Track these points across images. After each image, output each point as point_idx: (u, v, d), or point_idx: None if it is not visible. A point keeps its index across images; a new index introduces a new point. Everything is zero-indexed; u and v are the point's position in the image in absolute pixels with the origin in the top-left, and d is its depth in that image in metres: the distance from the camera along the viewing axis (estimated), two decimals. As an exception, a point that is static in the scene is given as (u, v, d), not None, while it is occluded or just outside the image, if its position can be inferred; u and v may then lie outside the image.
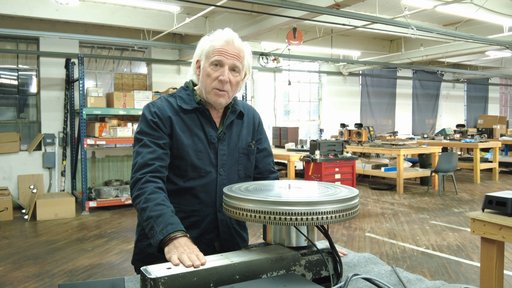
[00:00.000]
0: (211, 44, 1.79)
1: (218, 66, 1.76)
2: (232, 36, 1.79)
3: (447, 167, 8.85)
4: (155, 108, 1.80)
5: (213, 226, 1.83)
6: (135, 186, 1.68)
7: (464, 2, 7.10)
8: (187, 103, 1.82)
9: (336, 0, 6.21)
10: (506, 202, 2.68)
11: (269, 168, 2.03)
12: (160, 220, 1.53)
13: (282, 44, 9.93)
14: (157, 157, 1.72)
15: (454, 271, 4.56)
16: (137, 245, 1.89)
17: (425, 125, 16.23)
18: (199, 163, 1.79)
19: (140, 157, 1.72)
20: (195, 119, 1.82)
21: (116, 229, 6.55)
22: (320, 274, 1.43)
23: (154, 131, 1.76)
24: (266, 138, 2.06)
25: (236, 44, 1.79)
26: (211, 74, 1.76)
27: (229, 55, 1.76)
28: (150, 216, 1.56)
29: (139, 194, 1.64)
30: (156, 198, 1.61)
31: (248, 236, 2.04)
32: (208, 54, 1.78)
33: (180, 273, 1.21)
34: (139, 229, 1.89)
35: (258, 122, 2.03)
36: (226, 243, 1.86)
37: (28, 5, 7.33)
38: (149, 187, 1.64)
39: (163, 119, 1.77)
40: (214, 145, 1.82)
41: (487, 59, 14.16)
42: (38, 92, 8.93)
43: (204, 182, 1.80)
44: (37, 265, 4.92)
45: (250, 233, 6.01)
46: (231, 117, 1.88)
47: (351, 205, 1.40)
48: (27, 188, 8.20)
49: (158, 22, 8.50)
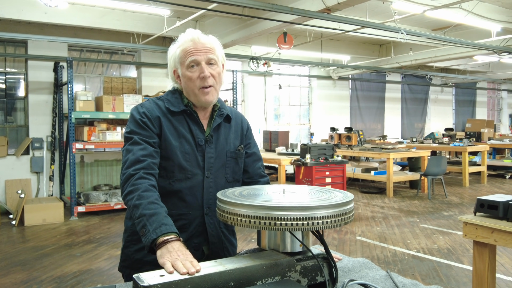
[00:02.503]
0: (180, 50, 1.79)
1: (195, 66, 1.77)
2: (197, 34, 1.80)
3: (436, 170, 8.91)
4: (143, 108, 1.80)
5: (201, 229, 1.81)
6: (128, 182, 1.64)
7: (453, 7, 7.18)
8: (175, 106, 1.82)
9: (327, 5, 6.23)
10: (497, 205, 2.69)
11: (259, 172, 2.02)
12: (153, 219, 1.50)
13: (272, 48, 9.95)
14: (149, 154, 1.71)
15: (445, 275, 4.57)
16: (123, 252, 1.86)
17: (414, 129, 16.35)
18: (186, 165, 1.78)
19: (131, 154, 1.70)
20: (182, 121, 1.82)
21: (105, 234, 6.47)
22: (315, 280, 1.41)
23: (143, 130, 1.75)
24: (255, 143, 2.06)
25: (202, 39, 1.80)
26: (191, 76, 1.77)
27: (201, 51, 1.77)
28: (143, 214, 1.53)
29: (132, 190, 1.61)
30: (150, 196, 1.59)
31: (237, 241, 2.02)
32: (182, 60, 1.79)
33: (174, 281, 1.19)
34: (126, 235, 1.86)
35: (247, 127, 2.02)
36: (215, 246, 1.84)
37: (16, 8, 7.26)
38: (143, 184, 1.62)
39: (152, 119, 1.77)
40: (201, 148, 1.81)
41: (475, 64, 14.33)
42: (26, 95, 8.83)
43: (190, 185, 1.79)
44: (24, 272, 4.84)
45: (241, 238, 5.98)
46: (218, 120, 1.87)
47: (347, 210, 1.39)
48: (14, 193, 8.08)
49: (148, 26, 8.46)
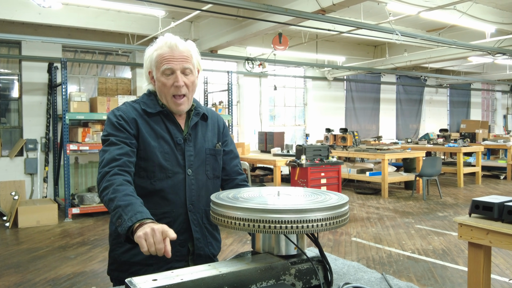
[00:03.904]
0: (156, 54, 1.80)
1: (170, 74, 1.78)
2: (174, 41, 1.80)
3: (431, 171, 8.93)
4: (120, 111, 1.82)
5: (185, 226, 1.83)
6: (103, 179, 1.66)
7: (448, 9, 7.20)
8: (151, 107, 1.84)
9: (322, 6, 6.23)
10: (492, 207, 2.69)
11: (236, 170, 2.05)
12: (128, 209, 1.52)
13: (267, 49, 9.94)
14: (125, 153, 1.72)
15: (440, 276, 4.57)
16: (110, 255, 1.88)
17: (408, 129, 16.40)
18: (167, 164, 1.80)
19: (107, 153, 1.71)
20: (159, 122, 1.84)
21: (100, 236, 6.44)
22: (310, 283, 1.40)
23: (120, 132, 1.77)
24: (232, 141, 2.09)
25: (180, 47, 1.79)
26: (165, 83, 1.79)
27: (177, 60, 1.78)
28: (118, 205, 1.54)
29: (107, 186, 1.62)
30: (124, 190, 1.60)
31: (221, 236, 2.04)
32: (157, 64, 1.80)
33: (167, 285, 1.17)
34: (111, 239, 1.88)
35: (223, 125, 2.05)
36: (199, 242, 1.86)
37: (10, 8, 7.21)
38: (117, 179, 1.63)
39: (128, 121, 1.79)
40: (180, 146, 1.84)
41: (469, 65, 14.39)
42: (20, 96, 8.77)
43: (172, 183, 1.81)
44: (18, 274, 4.80)
45: (236, 239, 5.97)
46: (194, 119, 1.90)
47: (342, 212, 1.38)
48: (8, 195, 8.03)
49: (143, 27, 8.44)
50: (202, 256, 1.86)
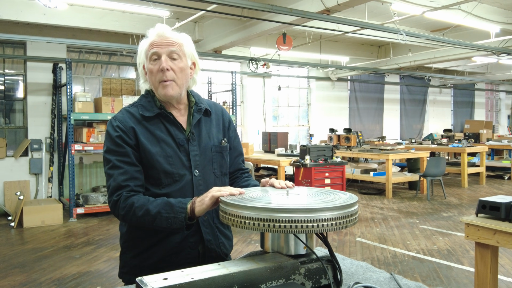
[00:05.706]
0: (146, 43, 1.78)
1: (157, 59, 1.74)
2: (163, 29, 1.77)
3: (435, 171, 8.91)
4: (117, 122, 1.75)
5: (195, 228, 1.77)
6: (116, 208, 1.65)
7: (452, 9, 7.18)
8: (149, 110, 1.77)
9: (326, 6, 6.23)
10: (499, 206, 2.68)
11: (241, 167, 2.01)
12: (169, 208, 1.56)
13: (271, 49, 9.94)
14: (130, 178, 1.68)
15: (445, 276, 4.56)
16: (121, 258, 1.84)
17: (412, 130, 16.36)
18: (171, 169, 1.73)
19: (112, 179, 1.68)
20: (159, 125, 1.76)
21: (104, 236, 6.45)
22: (319, 282, 1.40)
23: (120, 148, 1.70)
24: (237, 136, 2.03)
25: (168, 34, 1.76)
26: (153, 69, 1.73)
27: (163, 44, 1.74)
28: (156, 213, 1.56)
29: (127, 212, 1.62)
30: (147, 201, 1.61)
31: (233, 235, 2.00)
32: (146, 53, 1.76)
33: (177, 284, 1.17)
34: (122, 241, 1.84)
35: (228, 119, 1.98)
36: (210, 244, 1.80)
37: (15, 9, 7.24)
38: (131, 199, 1.63)
39: (126, 132, 1.72)
40: (184, 147, 1.77)
41: (473, 65, 14.35)
42: (24, 97, 8.80)
43: (179, 186, 1.75)
44: (23, 274, 4.82)
45: (240, 239, 5.97)
46: (196, 116, 1.82)
47: (351, 212, 1.37)
48: (13, 195, 8.06)
49: (147, 27, 8.24)
50: (214, 257, 1.81)
